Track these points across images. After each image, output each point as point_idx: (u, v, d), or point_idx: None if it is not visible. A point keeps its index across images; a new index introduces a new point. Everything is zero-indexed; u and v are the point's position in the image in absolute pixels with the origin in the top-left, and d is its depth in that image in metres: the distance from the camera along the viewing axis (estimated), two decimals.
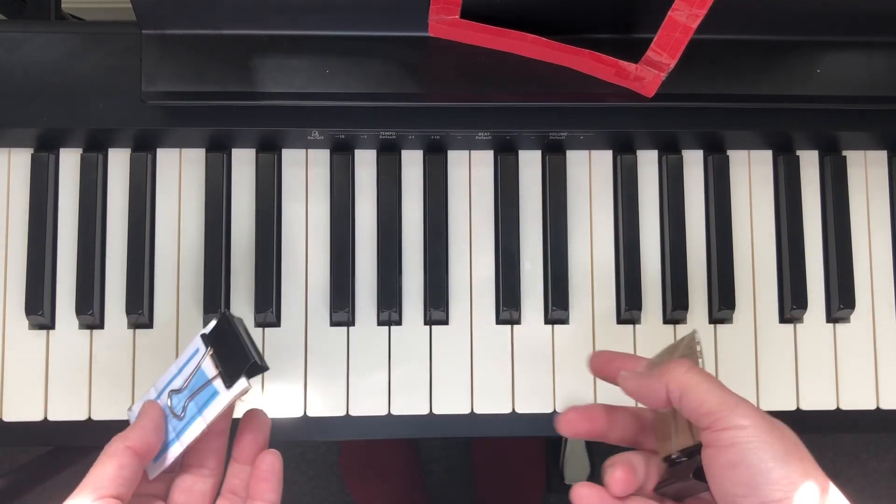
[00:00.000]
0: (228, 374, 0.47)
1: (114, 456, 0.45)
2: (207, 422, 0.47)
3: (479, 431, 0.60)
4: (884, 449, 1.41)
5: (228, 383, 0.47)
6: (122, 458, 0.45)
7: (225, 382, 0.47)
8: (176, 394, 0.48)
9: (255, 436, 0.49)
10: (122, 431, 0.46)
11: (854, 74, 0.58)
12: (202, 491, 0.49)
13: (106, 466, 0.45)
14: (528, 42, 0.55)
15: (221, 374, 0.48)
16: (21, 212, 0.60)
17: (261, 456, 0.48)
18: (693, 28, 0.51)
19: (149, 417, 0.47)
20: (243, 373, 0.47)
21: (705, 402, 0.42)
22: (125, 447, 0.45)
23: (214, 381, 0.48)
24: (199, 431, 0.47)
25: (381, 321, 0.60)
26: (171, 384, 0.49)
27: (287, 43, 0.56)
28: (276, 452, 0.49)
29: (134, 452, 0.45)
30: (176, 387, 0.49)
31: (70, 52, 0.58)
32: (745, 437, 0.40)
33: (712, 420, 0.41)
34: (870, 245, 0.63)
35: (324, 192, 0.61)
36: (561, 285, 0.60)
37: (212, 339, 0.49)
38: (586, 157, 0.62)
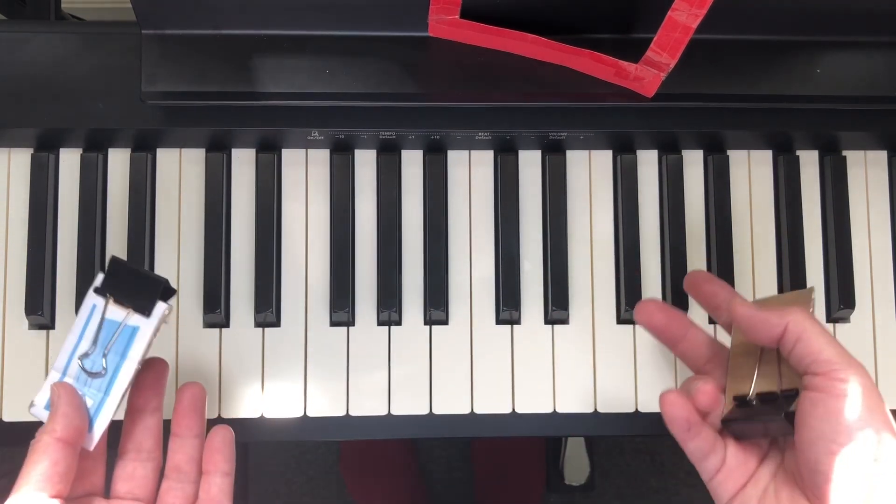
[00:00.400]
0: (142, 305, 0.47)
1: (45, 452, 0.43)
2: (137, 359, 0.47)
3: (479, 431, 0.60)
4: None
5: (147, 312, 0.47)
6: (55, 453, 0.43)
7: (143, 313, 0.47)
8: (86, 357, 0.47)
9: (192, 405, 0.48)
10: (45, 424, 0.45)
11: (854, 74, 0.58)
12: (144, 475, 0.48)
13: (39, 465, 0.43)
14: (528, 42, 0.55)
15: (134, 307, 0.47)
16: (21, 212, 0.60)
17: (212, 432, 0.48)
18: (693, 28, 0.51)
19: (66, 402, 0.45)
20: (158, 297, 0.47)
21: (825, 349, 0.43)
22: (55, 440, 0.44)
23: (128, 319, 0.47)
24: (131, 373, 0.47)
25: (381, 321, 0.60)
26: (74, 354, 0.47)
27: (287, 43, 0.56)
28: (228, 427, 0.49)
29: (65, 443, 0.44)
30: (82, 352, 0.47)
31: (70, 52, 0.58)
32: (857, 391, 0.42)
33: (830, 368, 0.42)
34: (870, 245, 0.63)
35: (324, 192, 0.61)
36: (561, 285, 0.60)
37: (106, 288, 0.48)
38: (586, 157, 0.62)
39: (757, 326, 0.46)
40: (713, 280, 0.53)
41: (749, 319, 0.46)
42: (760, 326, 0.46)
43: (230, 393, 0.59)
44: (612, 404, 0.60)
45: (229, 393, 0.59)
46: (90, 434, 0.47)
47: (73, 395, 0.46)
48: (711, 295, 0.52)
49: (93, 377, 0.47)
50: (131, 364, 0.47)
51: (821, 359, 0.43)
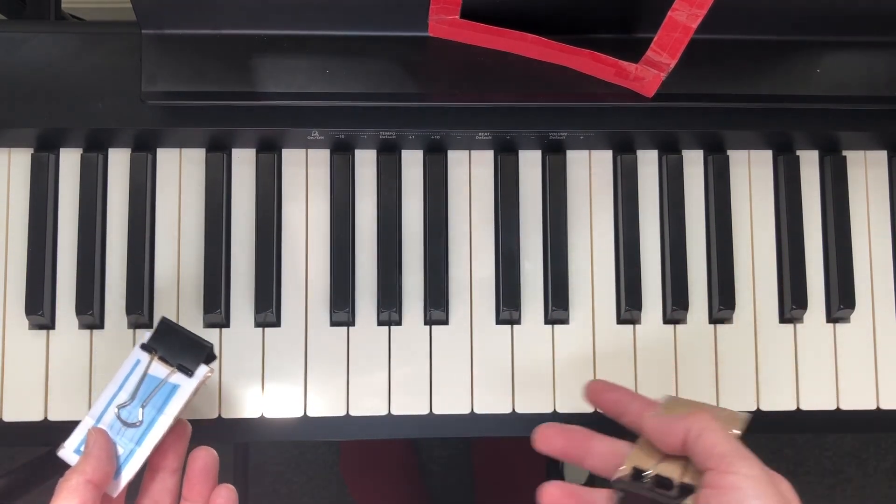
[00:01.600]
0: (186, 366, 0.51)
1: (74, 491, 0.45)
2: (173, 416, 0.49)
3: (479, 431, 0.60)
4: (884, 449, 1.41)
5: (189, 373, 0.50)
6: (84, 494, 0.45)
7: (185, 373, 0.50)
8: (123, 407, 0.50)
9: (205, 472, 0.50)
10: (76, 465, 0.47)
11: (854, 74, 0.58)
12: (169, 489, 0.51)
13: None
14: (528, 42, 0.55)
15: (179, 367, 0.50)
16: (21, 212, 0.60)
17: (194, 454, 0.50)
18: (693, 28, 0.51)
19: (100, 446, 0.48)
20: (202, 360, 0.51)
21: (720, 444, 0.44)
22: (85, 481, 0.46)
23: (171, 377, 0.50)
24: (166, 427, 0.49)
25: (381, 321, 0.60)
26: (112, 403, 0.50)
27: (287, 43, 0.56)
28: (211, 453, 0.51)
29: (93, 486, 0.46)
30: (120, 402, 0.50)
31: (70, 52, 0.58)
32: (747, 484, 0.42)
33: (722, 462, 0.43)
34: (870, 245, 0.63)
35: (324, 192, 0.61)
36: (561, 285, 0.60)
37: (154, 344, 0.51)
38: (586, 157, 0.62)
39: (661, 432, 0.46)
40: (614, 388, 0.52)
41: (656, 431, 0.47)
42: (664, 432, 0.46)
43: (230, 393, 0.59)
44: None
45: (229, 393, 0.59)
46: (116, 480, 0.49)
47: (107, 441, 0.48)
48: (614, 403, 0.51)
49: (127, 427, 0.49)
50: (167, 419, 0.49)
51: (715, 452, 0.43)
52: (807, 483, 1.40)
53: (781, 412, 0.61)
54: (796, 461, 1.40)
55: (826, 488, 1.40)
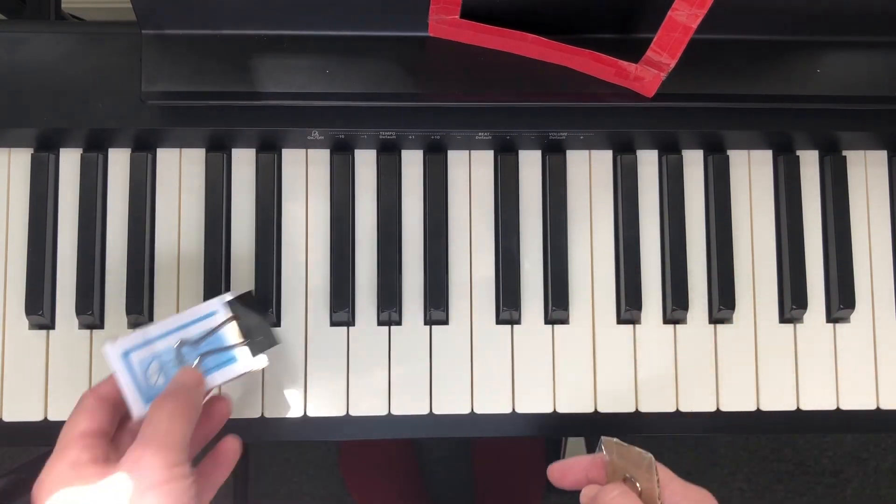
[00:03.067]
0: (253, 347, 0.51)
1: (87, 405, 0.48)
2: (216, 383, 0.50)
3: (479, 431, 0.60)
4: (884, 449, 1.41)
5: (253, 354, 0.51)
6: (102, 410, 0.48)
7: (251, 353, 0.51)
8: (184, 345, 0.50)
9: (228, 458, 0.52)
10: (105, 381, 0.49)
11: (854, 74, 0.58)
12: None
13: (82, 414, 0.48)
14: (528, 42, 0.55)
15: (248, 344, 0.51)
16: (21, 212, 0.60)
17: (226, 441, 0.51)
18: (693, 28, 0.51)
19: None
20: (265, 350, 0.51)
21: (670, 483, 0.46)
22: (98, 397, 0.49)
23: (236, 349, 0.51)
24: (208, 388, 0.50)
25: (381, 321, 0.60)
26: (176, 334, 0.50)
27: (287, 43, 0.56)
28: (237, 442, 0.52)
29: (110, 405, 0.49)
30: (186, 338, 0.50)
31: (70, 52, 0.58)
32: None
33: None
34: (870, 245, 0.63)
35: (324, 192, 0.61)
36: (561, 285, 0.60)
37: (234, 307, 0.51)
38: (586, 157, 0.62)
39: None
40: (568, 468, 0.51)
41: None
42: None
43: (230, 393, 0.59)
44: (612, 404, 0.60)
45: (230, 393, 0.59)
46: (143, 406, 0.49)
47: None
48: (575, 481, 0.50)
49: (177, 363, 0.50)
50: (210, 383, 0.50)
51: None
52: (807, 483, 1.40)
53: (781, 412, 0.61)
54: (796, 461, 1.40)
55: (826, 488, 1.40)
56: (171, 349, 0.50)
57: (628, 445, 0.46)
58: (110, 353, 0.50)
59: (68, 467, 0.45)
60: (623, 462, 0.46)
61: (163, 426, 0.46)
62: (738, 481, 1.37)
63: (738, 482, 1.37)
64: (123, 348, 0.50)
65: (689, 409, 0.60)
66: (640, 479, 0.45)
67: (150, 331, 0.51)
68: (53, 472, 0.46)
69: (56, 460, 0.46)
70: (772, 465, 1.39)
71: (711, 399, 0.60)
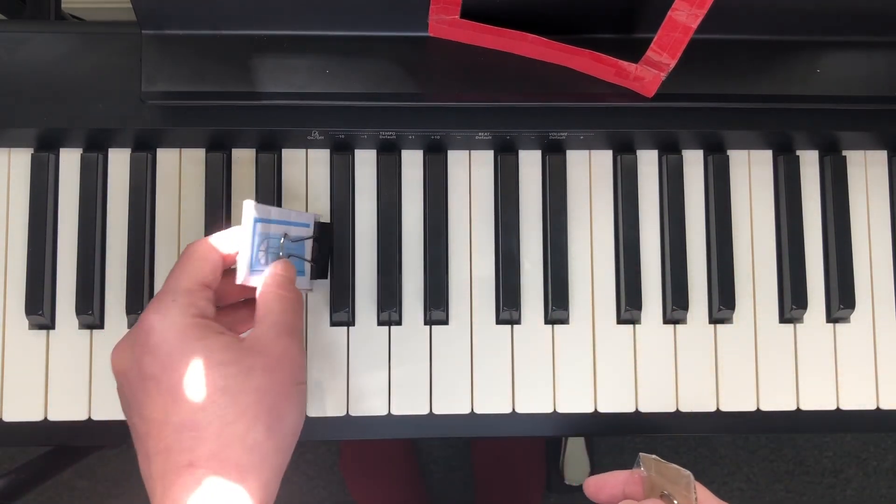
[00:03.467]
0: (313, 271, 0.56)
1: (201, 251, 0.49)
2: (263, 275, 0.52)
3: (479, 431, 0.60)
4: (884, 449, 1.41)
5: (314, 276, 0.56)
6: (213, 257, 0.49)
7: (312, 274, 0.55)
8: (287, 242, 0.53)
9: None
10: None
11: (854, 74, 0.58)
12: None
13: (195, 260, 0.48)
14: (528, 42, 0.55)
15: (313, 267, 0.55)
16: (21, 212, 0.60)
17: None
18: (693, 28, 0.51)
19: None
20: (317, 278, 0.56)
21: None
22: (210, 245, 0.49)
23: (307, 264, 0.55)
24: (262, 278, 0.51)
25: (381, 321, 0.60)
26: (288, 227, 0.53)
27: (287, 43, 0.56)
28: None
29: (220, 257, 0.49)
30: (290, 235, 0.53)
31: (70, 52, 0.58)
32: None
33: None
34: (870, 245, 0.63)
35: (324, 192, 0.61)
36: (561, 285, 0.60)
37: (317, 230, 0.56)
38: (586, 157, 0.62)
39: None
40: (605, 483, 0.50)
41: None
42: None
43: None
44: (613, 404, 0.60)
45: None
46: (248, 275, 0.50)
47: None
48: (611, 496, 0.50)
49: (278, 253, 0.52)
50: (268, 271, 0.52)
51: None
52: (807, 483, 1.40)
53: (781, 412, 0.61)
54: (796, 461, 1.40)
55: (826, 488, 1.40)
56: (278, 238, 0.52)
57: (666, 462, 0.46)
58: (248, 211, 0.51)
59: (192, 315, 0.45)
60: (661, 479, 0.46)
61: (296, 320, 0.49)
62: (738, 481, 1.37)
63: (738, 482, 1.37)
64: (257, 214, 0.51)
65: (689, 409, 0.60)
66: (677, 497, 0.44)
67: (272, 212, 0.52)
68: (170, 318, 0.44)
69: (170, 308, 0.45)
70: (772, 465, 1.39)
71: (711, 399, 0.60)
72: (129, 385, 0.45)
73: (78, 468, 1.34)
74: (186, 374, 0.43)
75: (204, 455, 0.42)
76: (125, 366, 0.45)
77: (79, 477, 1.34)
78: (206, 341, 0.44)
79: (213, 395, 0.42)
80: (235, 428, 0.42)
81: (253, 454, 0.43)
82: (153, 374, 0.43)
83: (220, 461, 0.42)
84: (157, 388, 0.43)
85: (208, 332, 0.45)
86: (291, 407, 0.45)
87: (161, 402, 0.43)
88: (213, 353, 0.44)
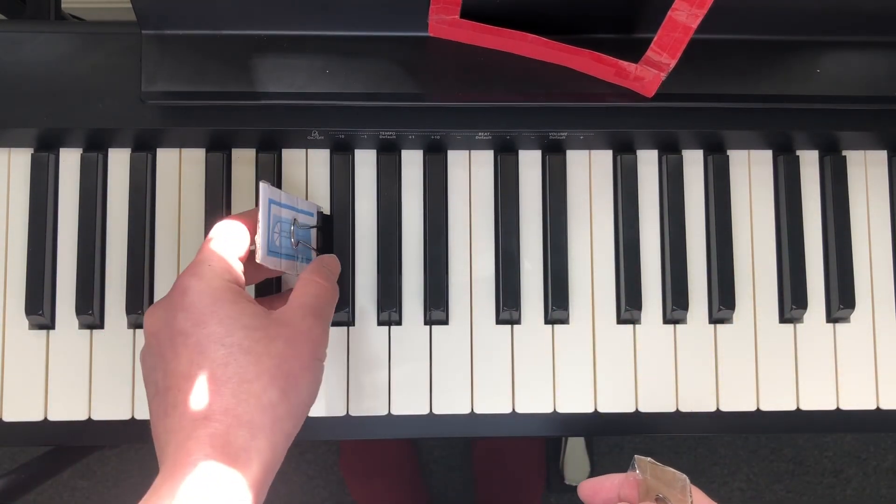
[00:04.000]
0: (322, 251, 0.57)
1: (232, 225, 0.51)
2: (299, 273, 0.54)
3: (479, 431, 0.60)
4: (884, 449, 1.41)
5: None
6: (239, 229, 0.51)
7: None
8: (297, 228, 0.54)
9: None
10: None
11: (854, 74, 0.58)
12: None
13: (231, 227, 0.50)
14: (528, 42, 0.55)
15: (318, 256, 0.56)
16: (21, 212, 0.60)
17: None
18: (693, 28, 0.51)
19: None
20: None
21: None
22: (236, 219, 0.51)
23: (313, 252, 0.57)
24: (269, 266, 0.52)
25: (381, 321, 0.60)
26: (297, 213, 0.55)
27: (287, 43, 0.56)
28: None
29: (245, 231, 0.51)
30: (298, 222, 0.55)
31: (70, 52, 0.58)
32: None
33: None
34: (870, 245, 0.63)
35: (324, 192, 0.61)
36: (561, 285, 0.60)
37: (319, 220, 0.57)
38: (586, 157, 0.62)
39: None
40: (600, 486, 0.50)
41: None
42: None
43: None
44: (613, 404, 0.60)
45: None
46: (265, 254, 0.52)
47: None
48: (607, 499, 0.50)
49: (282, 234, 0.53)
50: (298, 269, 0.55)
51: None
52: (807, 483, 1.40)
53: (781, 412, 0.61)
54: (796, 461, 1.40)
55: (826, 488, 1.40)
56: (289, 222, 0.53)
57: (662, 465, 0.46)
58: (264, 191, 0.52)
59: (227, 280, 0.47)
60: (656, 482, 0.46)
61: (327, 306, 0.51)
62: (738, 481, 1.37)
63: (738, 482, 1.37)
64: (273, 196, 0.52)
65: (689, 409, 0.60)
66: (673, 500, 0.44)
67: (282, 196, 0.53)
68: (206, 281, 0.46)
69: (206, 272, 0.47)
70: (772, 465, 1.39)
71: (711, 399, 0.60)
72: (158, 344, 0.47)
73: (78, 468, 1.34)
74: (214, 331, 0.45)
75: (220, 409, 0.44)
76: (158, 326, 0.47)
77: (79, 477, 1.34)
78: (237, 305, 0.46)
79: (236, 353, 0.45)
80: (253, 387, 0.44)
81: (265, 414, 0.44)
82: (184, 329, 0.45)
83: (235, 416, 0.44)
84: (184, 342, 0.45)
85: (240, 298, 0.47)
86: (309, 377, 0.47)
87: (187, 356, 0.45)
88: (242, 317, 0.46)
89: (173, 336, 0.46)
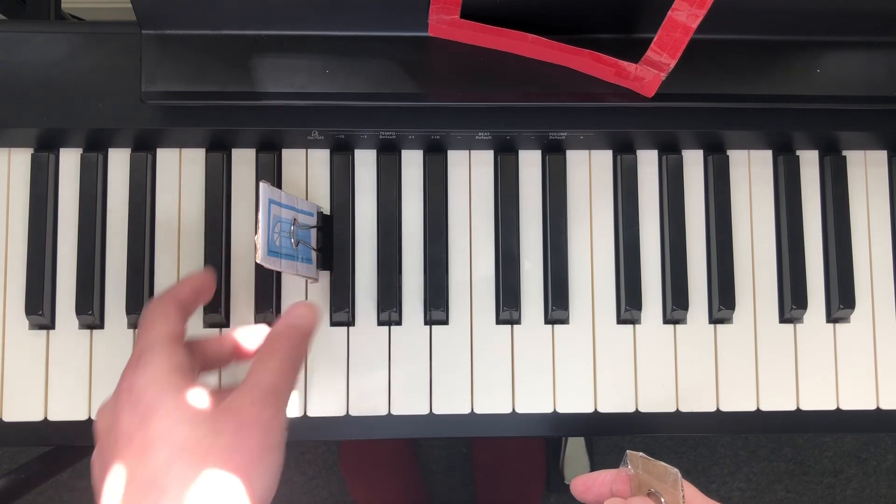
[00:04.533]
0: (318, 261, 0.58)
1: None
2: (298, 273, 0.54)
3: (479, 431, 0.60)
4: (884, 449, 1.41)
5: (319, 266, 0.58)
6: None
7: (317, 264, 0.57)
8: (297, 228, 0.55)
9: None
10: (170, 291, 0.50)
11: (854, 74, 0.58)
12: None
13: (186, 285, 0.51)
14: (528, 42, 0.55)
15: (318, 256, 0.57)
16: (21, 212, 0.60)
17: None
18: (693, 28, 0.51)
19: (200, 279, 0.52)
20: (323, 269, 0.58)
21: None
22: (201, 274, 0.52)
23: (314, 253, 0.57)
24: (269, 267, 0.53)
25: (381, 321, 0.60)
26: (297, 213, 0.55)
27: (287, 43, 0.56)
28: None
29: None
30: (299, 222, 0.55)
31: (70, 52, 0.58)
32: None
33: None
34: (870, 245, 0.63)
35: (324, 192, 0.61)
36: (561, 285, 0.60)
37: (320, 220, 0.57)
38: (586, 157, 0.62)
39: None
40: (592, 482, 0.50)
41: None
42: None
43: None
44: (613, 404, 0.60)
45: None
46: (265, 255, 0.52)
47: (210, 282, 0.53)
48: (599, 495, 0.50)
49: (282, 235, 0.54)
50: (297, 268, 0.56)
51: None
52: (807, 483, 1.40)
53: (781, 412, 0.61)
54: (796, 461, 1.40)
55: (826, 488, 1.40)
56: (288, 222, 0.54)
57: (654, 460, 0.46)
58: (264, 191, 0.52)
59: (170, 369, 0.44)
60: (648, 476, 0.46)
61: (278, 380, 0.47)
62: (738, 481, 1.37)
63: (738, 482, 1.37)
64: (272, 196, 0.53)
65: (689, 409, 0.60)
66: (664, 494, 0.44)
67: (282, 196, 0.54)
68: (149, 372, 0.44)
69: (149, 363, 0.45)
70: (772, 465, 1.39)
71: (711, 399, 0.60)
72: (103, 446, 0.45)
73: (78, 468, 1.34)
74: (157, 427, 0.42)
75: None
76: (104, 428, 0.45)
77: (79, 477, 1.34)
78: (182, 396, 0.44)
79: (178, 453, 0.42)
80: (198, 490, 0.41)
81: None
82: (127, 431, 0.43)
83: None
84: (127, 445, 0.43)
85: (186, 385, 0.44)
86: (259, 469, 0.44)
87: (128, 461, 0.42)
88: (188, 408, 0.43)
89: (117, 439, 0.43)
